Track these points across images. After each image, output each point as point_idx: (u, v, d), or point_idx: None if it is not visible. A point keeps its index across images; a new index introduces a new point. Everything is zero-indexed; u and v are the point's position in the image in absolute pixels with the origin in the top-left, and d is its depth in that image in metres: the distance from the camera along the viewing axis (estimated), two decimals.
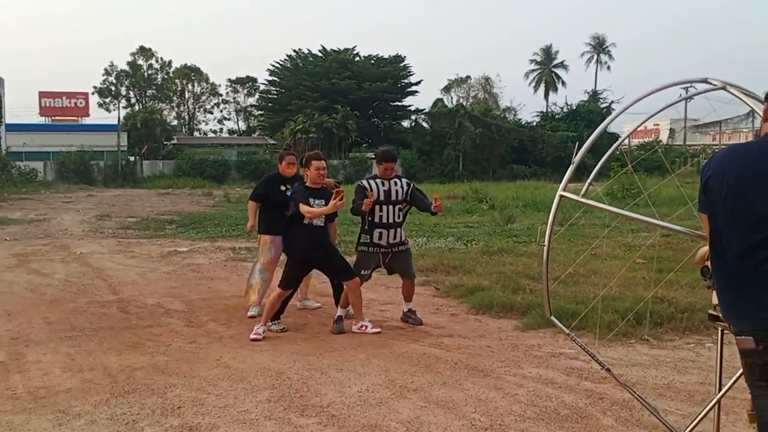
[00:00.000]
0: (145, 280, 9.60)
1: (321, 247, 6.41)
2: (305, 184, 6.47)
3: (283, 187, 7.27)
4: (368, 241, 6.69)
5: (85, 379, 5.24)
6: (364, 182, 6.74)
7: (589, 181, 3.45)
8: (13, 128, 49.45)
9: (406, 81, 58.96)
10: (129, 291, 8.81)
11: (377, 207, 6.60)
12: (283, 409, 4.61)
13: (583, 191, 3.40)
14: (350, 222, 14.47)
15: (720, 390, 2.97)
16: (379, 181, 6.70)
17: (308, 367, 5.51)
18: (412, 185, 6.85)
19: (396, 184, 6.74)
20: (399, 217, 6.73)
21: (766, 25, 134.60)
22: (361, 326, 6.63)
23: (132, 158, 50.83)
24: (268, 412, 4.54)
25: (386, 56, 58.93)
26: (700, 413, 3.10)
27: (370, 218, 6.65)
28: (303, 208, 6.22)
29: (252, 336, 6.37)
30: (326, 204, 6.22)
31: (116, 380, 5.21)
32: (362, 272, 6.73)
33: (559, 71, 73.60)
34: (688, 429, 3.10)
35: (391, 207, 6.66)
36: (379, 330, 6.62)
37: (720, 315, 2.67)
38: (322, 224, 6.39)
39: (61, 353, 5.97)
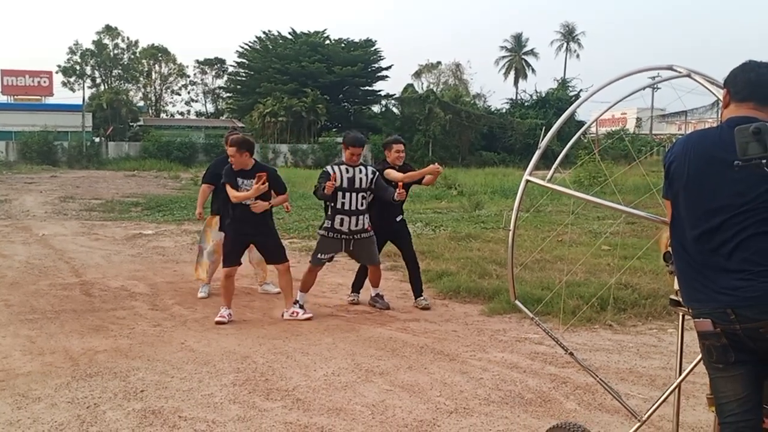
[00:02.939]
0: (109, 263, 9.46)
1: (250, 225, 6.37)
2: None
3: None
4: (329, 226, 6.66)
5: (46, 363, 5.16)
6: (329, 168, 6.72)
7: (555, 165, 3.46)
8: None
9: (376, 66, 58.51)
10: (92, 274, 8.68)
11: (340, 194, 6.55)
12: (248, 392, 4.59)
13: (548, 176, 3.41)
14: (319, 207, 14.43)
15: (680, 374, 3.01)
16: (344, 167, 6.65)
17: (274, 351, 5.50)
18: (376, 174, 6.82)
19: (361, 171, 6.69)
20: (362, 205, 6.68)
21: (733, 14, 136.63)
22: (293, 312, 6.54)
23: (97, 139, 49.87)
24: (233, 396, 4.52)
25: (357, 40, 58.43)
26: (660, 397, 3.14)
27: (332, 204, 6.62)
28: (230, 191, 6.28)
29: (217, 319, 6.33)
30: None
31: (78, 363, 5.13)
32: (318, 256, 6.71)
33: (529, 59, 74.09)
34: (649, 412, 3.14)
35: (354, 194, 6.61)
36: (310, 315, 6.52)
37: (681, 300, 2.70)
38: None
39: (21, 336, 5.86)
